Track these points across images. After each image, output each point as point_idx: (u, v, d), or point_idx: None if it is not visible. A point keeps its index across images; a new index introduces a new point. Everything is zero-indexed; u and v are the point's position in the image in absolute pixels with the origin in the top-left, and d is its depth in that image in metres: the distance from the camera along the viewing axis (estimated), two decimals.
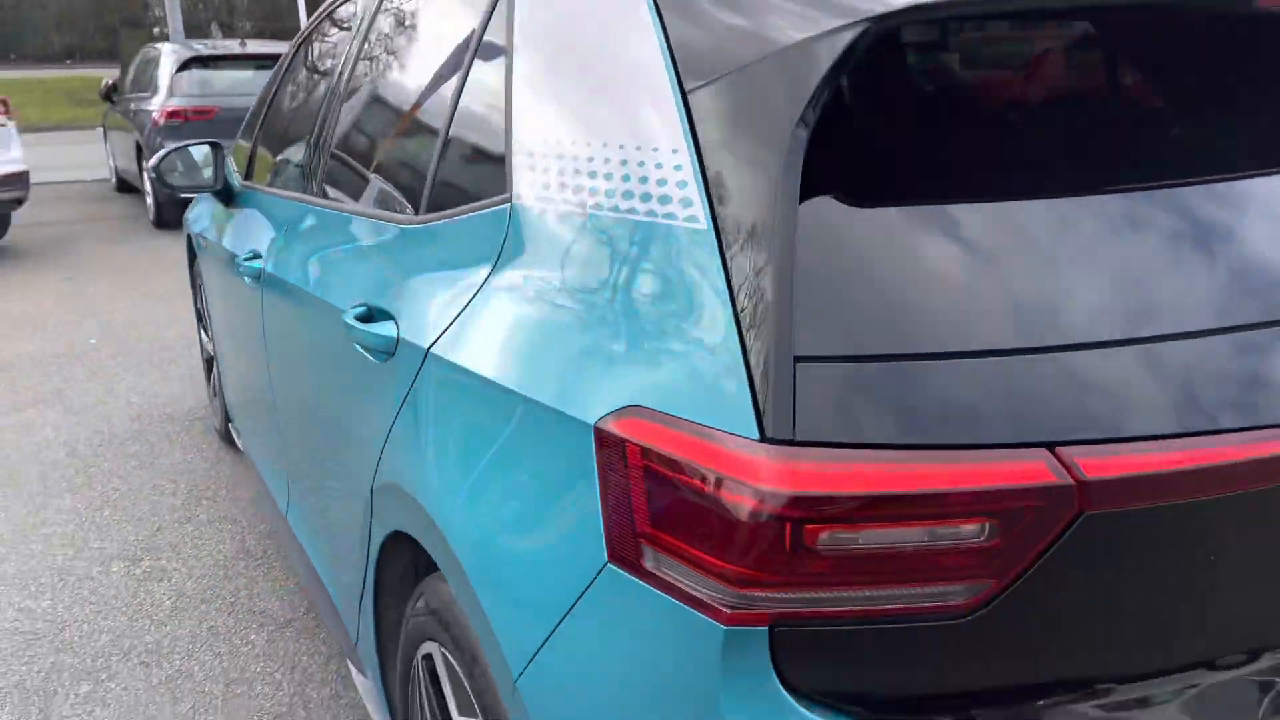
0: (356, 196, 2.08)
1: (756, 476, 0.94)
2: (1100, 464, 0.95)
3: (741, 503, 0.94)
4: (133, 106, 9.79)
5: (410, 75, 1.99)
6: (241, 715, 2.47)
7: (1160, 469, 0.95)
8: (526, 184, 1.40)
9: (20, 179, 7.90)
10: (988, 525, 0.94)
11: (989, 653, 0.98)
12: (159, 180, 3.03)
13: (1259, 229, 1.10)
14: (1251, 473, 0.98)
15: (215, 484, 3.79)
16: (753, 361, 0.98)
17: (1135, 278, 1.02)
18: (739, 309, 1.01)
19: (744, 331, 1.00)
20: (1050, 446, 0.95)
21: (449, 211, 1.61)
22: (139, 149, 9.41)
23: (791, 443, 0.94)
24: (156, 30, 16.03)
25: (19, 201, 8.03)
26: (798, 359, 0.97)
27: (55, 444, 4.22)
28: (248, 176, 3.18)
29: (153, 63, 9.75)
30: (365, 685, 2.10)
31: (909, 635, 0.97)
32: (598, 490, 1.09)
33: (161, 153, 3.05)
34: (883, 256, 1.01)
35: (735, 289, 1.02)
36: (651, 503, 1.03)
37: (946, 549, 0.95)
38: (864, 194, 1.04)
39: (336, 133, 2.30)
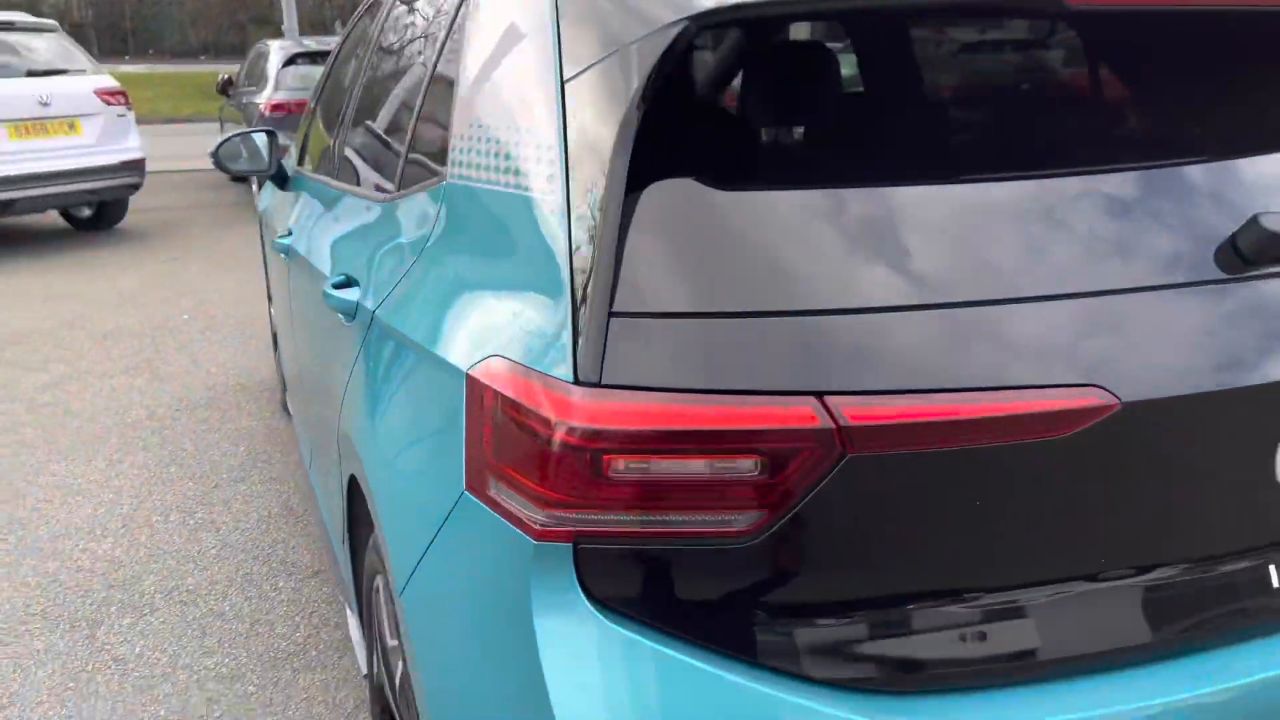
0: (356, 178, 2.29)
1: (565, 413, 1.09)
2: (861, 412, 1.07)
3: (552, 435, 1.10)
4: (244, 100, 10.35)
5: (397, 71, 2.20)
6: (259, 650, 2.71)
7: (914, 419, 1.07)
8: (455, 164, 1.57)
9: (137, 166, 8.45)
10: (761, 461, 1.08)
11: (768, 573, 1.11)
12: (218, 164, 3.31)
13: (1020, 212, 1.20)
14: (995, 428, 1.09)
15: (271, 448, 4.09)
16: (579, 317, 1.13)
17: (901, 253, 1.14)
18: (574, 272, 1.16)
19: (575, 291, 1.15)
20: (819, 395, 1.07)
21: (411, 189, 1.80)
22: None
23: (598, 385, 1.09)
24: (284, 26, 16.84)
25: (135, 187, 8.60)
26: (612, 314, 1.11)
27: (138, 407, 4.59)
28: (299, 162, 3.45)
29: (263, 58, 10.29)
30: (351, 620, 2.31)
31: (695, 556, 1.11)
32: (464, 429, 1.26)
33: (223, 138, 3.33)
34: (690, 231, 1.14)
35: (573, 255, 1.17)
36: (495, 438, 1.19)
37: (726, 481, 1.08)
38: (679, 177, 1.18)
39: (348, 121, 2.52)
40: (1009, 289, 1.14)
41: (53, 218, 9.18)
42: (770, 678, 1.11)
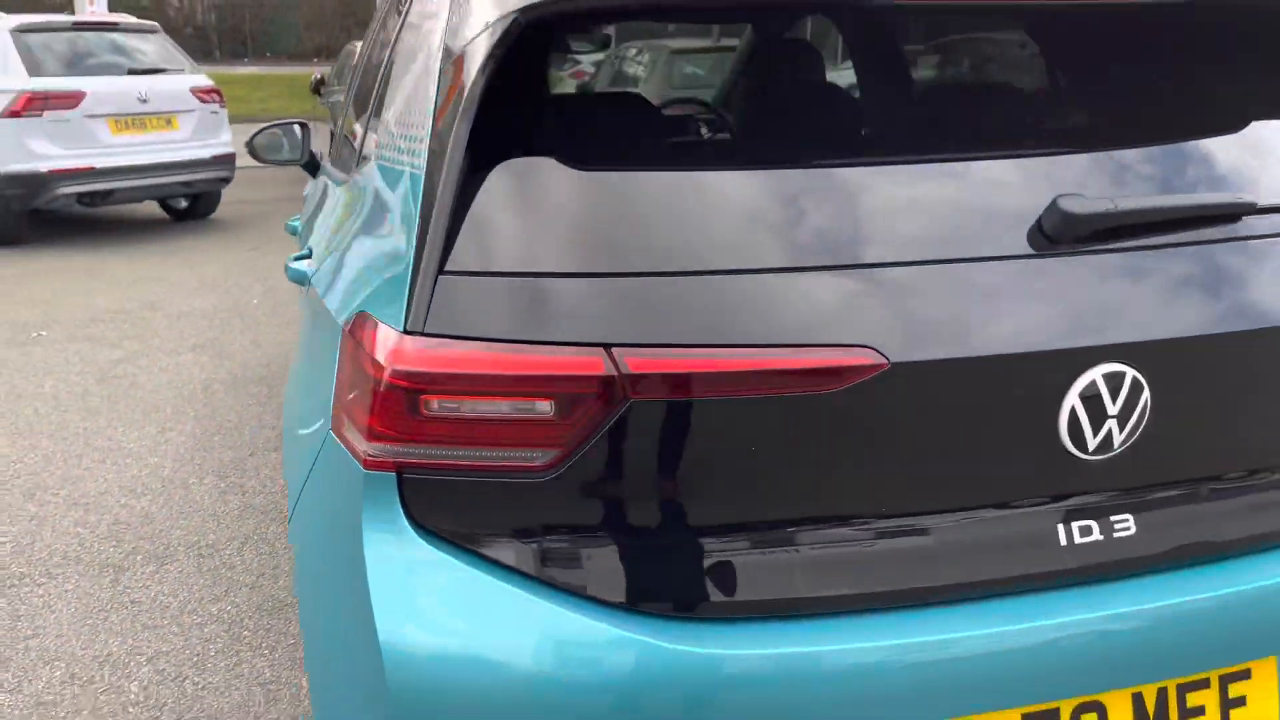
0: (341, 164, 2.50)
1: (391, 358, 1.25)
2: (642, 363, 1.20)
3: (381, 377, 1.26)
4: (332, 99, 10.80)
5: (375, 63, 2.40)
6: (259, 600, 2.94)
7: (690, 370, 1.20)
8: (379, 147, 1.75)
9: (228, 160, 8.93)
10: (556, 404, 1.22)
11: (564, 504, 1.25)
12: (252, 153, 3.56)
13: (809, 192, 1.31)
14: (769, 380, 1.20)
15: None
16: (416, 275, 1.29)
17: (690, 226, 1.26)
18: (419, 237, 1.32)
19: (417, 253, 1.30)
20: (608, 347, 1.21)
21: (354, 172, 1.99)
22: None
23: (421, 334, 1.25)
24: None
25: (226, 180, 9.08)
26: (440, 273, 1.27)
27: (195, 381, 4.91)
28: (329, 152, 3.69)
29: (350, 57, 10.72)
30: None
31: (501, 487, 1.25)
32: (335, 377, 1.43)
33: (260, 129, 3.58)
34: (510, 205, 1.28)
35: (422, 221, 1.33)
36: (350, 383, 1.36)
37: (526, 421, 1.23)
38: (504, 158, 1.32)
39: (349, 111, 2.74)
40: (790, 259, 1.25)
41: (153, 208, 9.74)
42: (562, 597, 1.25)
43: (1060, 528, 1.34)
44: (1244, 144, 1.47)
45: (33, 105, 7.80)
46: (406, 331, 1.26)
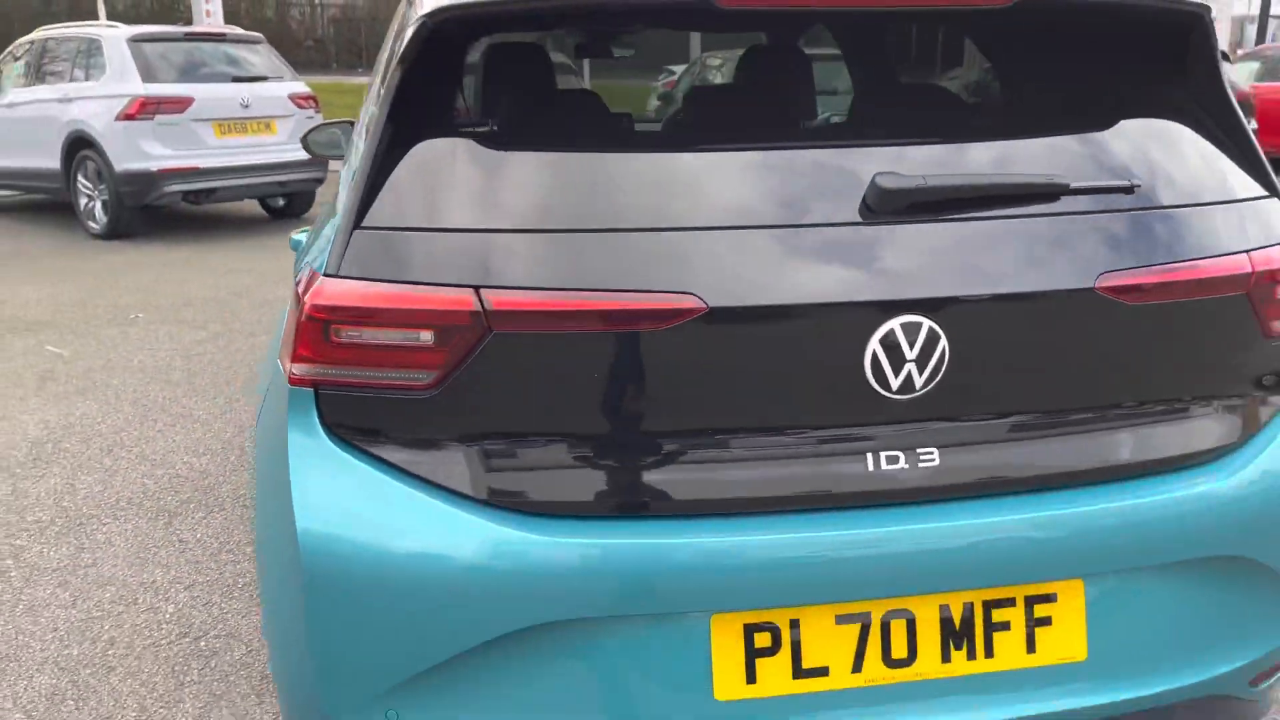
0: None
1: (312, 296, 1.55)
2: (503, 301, 1.48)
3: (304, 310, 1.56)
4: None
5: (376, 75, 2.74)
6: None
7: (542, 308, 1.47)
8: (356, 138, 2.07)
9: (321, 163, 9.49)
10: (435, 333, 1.50)
11: (444, 417, 1.53)
12: (305, 148, 3.95)
13: (660, 168, 1.57)
14: (608, 318, 1.47)
15: None
16: (341, 229, 1.59)
17: (554, 194, 1.53)
18: (347, 203, 1.62)
19: (343, 216, 1.61)
20: (476, 288, 1.49)
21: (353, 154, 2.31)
22: None
23: (336, 276, 1.55)
24: None
25: (319, 181, 9.67)
26: (356, 228, 1.57)
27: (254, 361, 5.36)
28: None
29: None
30: None
31: (395, 401, 1.54)
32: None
33: (317, 125, 3.97)
34: (413, 174, 1.57)
35: (350, 193, 1.63)
36: (290, 320, 1.67)
37: (413, 347, 1.51)
38: (415, 136, 1.61)
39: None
40: (634, 222, 1.51)
41: (253, 207, 10.40)
42: (440, 493, 1.53)
43: (869, 455, 1.57)
44: (1048, 134, 1.69)
45: (145, 109, 8.47)
46: (327, 275, 1.56)
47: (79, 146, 8.85)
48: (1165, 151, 1.75)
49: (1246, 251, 1.70)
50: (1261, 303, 1.71)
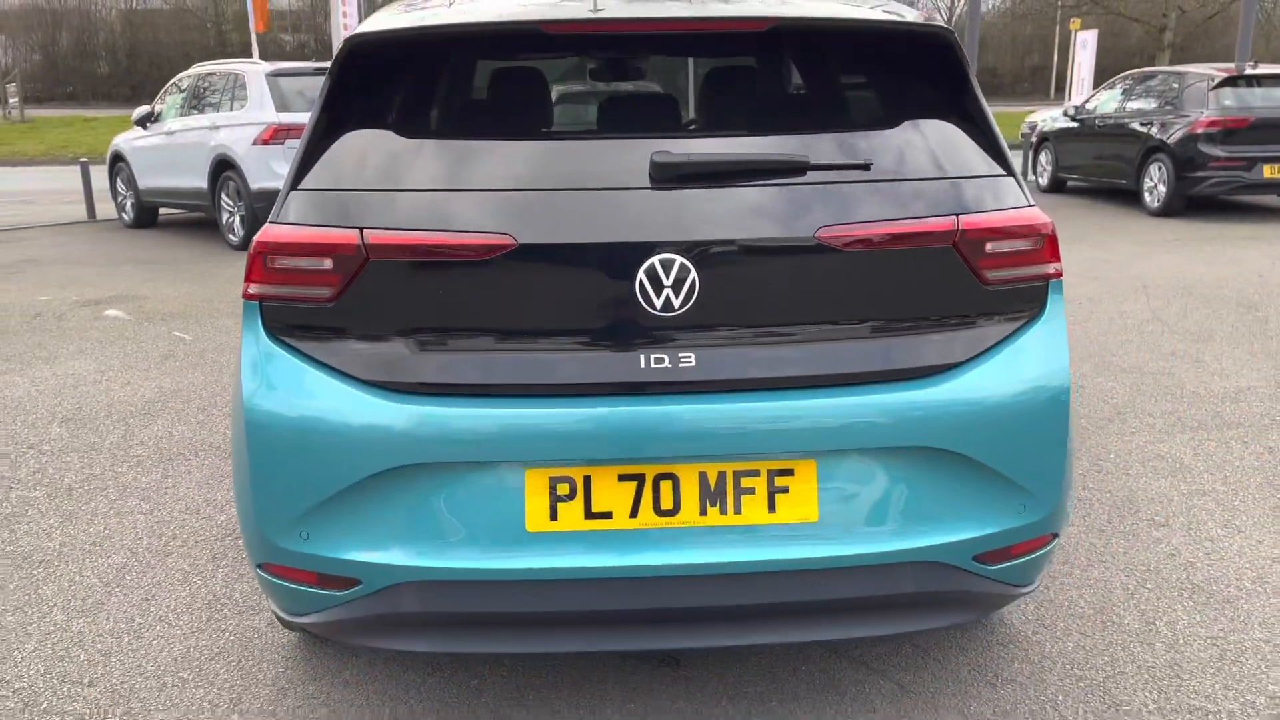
0: None
1: (259, 236, 2.23)
2: (377, 238, 2.13)
3: (253, 247, 2.24)
4: None
5: None
6: None
7: (400, 242, 2.11)
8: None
9: None
10: (332, 260, 2.16)
11: (344, 321, 2.17)
12: None
13: (507, 151, 2.19)
14: (446, 251, 2.09)
15: None
16: (282, 191, 2.28)
17: (425, 168, 2.17)
18: (290, 172, 2.30)
19: (286, 181, 2.29)
20: (360, 229, 2.15)
21: None
22: None
23: (277, 223, 2.23)
24: None
25: None
26: (293, 189, 2.25)
27: None
28: None
29: None
30: None
31: (307, 310, 2.19)
32: None
33: None
34: (336, 152, 2.24)
35: (293, 164, 2.31)
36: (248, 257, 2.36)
37: (319, 270, 2.17)
38: (341, 125, 2.27)
39: None
40: (476, 184, 2.14)
41: None
42: (336, 374, 2.18)
43: (642, 356, 2.14)
44: (814, 127, 2.24)
45: (277, 135, 9.57)
46: (271, 223, 2.25)
47: (223, 168, 10.03)
48: (911, 139, 2.27)
49: (956, 214, 2.20)
50: (972, 255, 2.21)
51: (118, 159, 11.85)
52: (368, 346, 2.18)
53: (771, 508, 2.18)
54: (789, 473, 2.18)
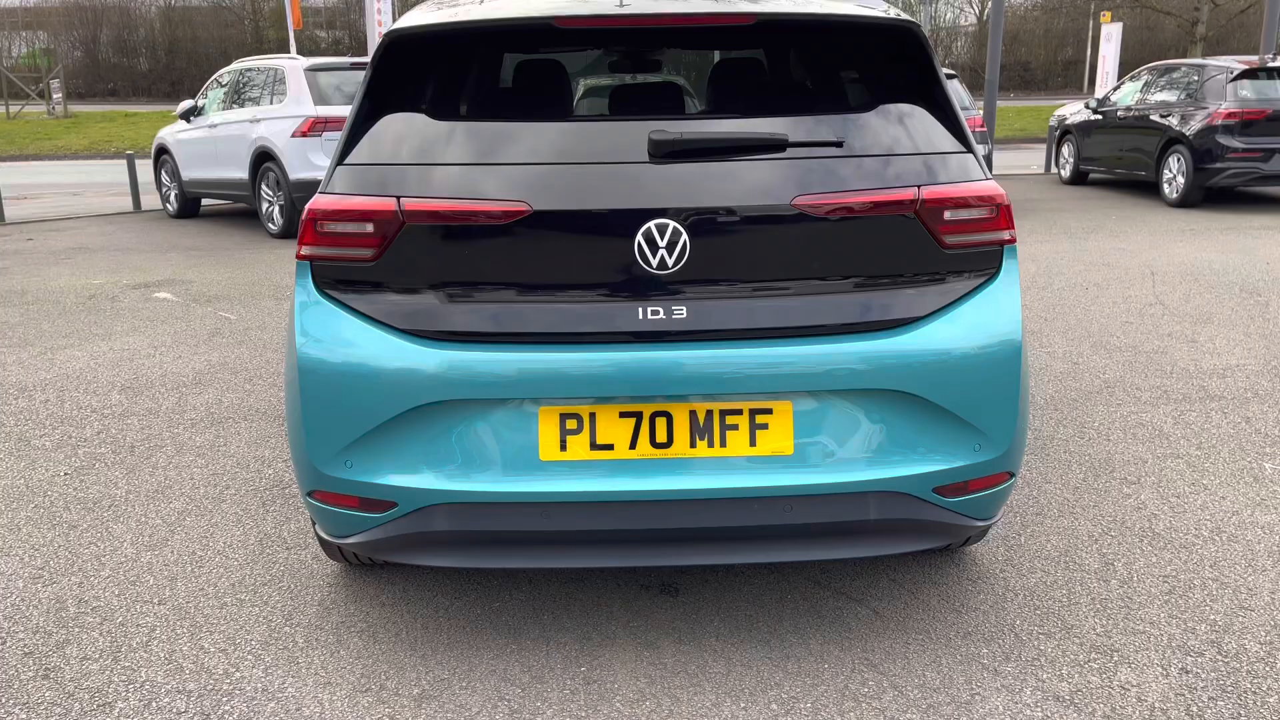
0: None
1: (310, 205, 2.58)
2: (411, 205, 2.47)
3: (305, 214, 2.59)
4: None
5: None
6: None
7: (432, 209, 2.45)
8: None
9: None
10: (373, 225, 2.50)
11: (385, 278, 2.52)
12: None
13: (519, 132, 2.52)
14: (471, 216, 2.43)
15: None
16: (330, 166, 2.63)
17: (458, 146, 2.51)
18: (338, 148, 2.65)
19: (334, 156, 2.64)
20: (398, 198, 2.49)
21: None
22: None
23: (326, 193, 2.58)
24: None
25: None
26: (339, 164, 2.60)
27: None
28: None
29: None
30: None
31: (353, 268, 2.54)
32: None
33: None
34: (372, 134, 2.59)
35: (340, 141, 2.66)
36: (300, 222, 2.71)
37: (362, 234, 2.52)
38: (380, 110, 2.62)
39: None
40: (497, 158, 2.48)
41: None
42: (378, 325, 2.53)
43: (640, 309, 2.47)
44: (795, 110, 2.55)
45: (315, 127, 9.98)
46: (320, 193, 2.60)
47: (263, 160, 10.46)
48: (881, 120, 2.59)
49: (918, 185, 2.51)
50: (932, 222, 2.52)
51: (162, 152, 12.33)
52: (403, 299, 2.52)
53: (753, 442, 2.50)
54: (768, 411, 2.50)
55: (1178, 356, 5.57)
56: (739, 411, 2.50)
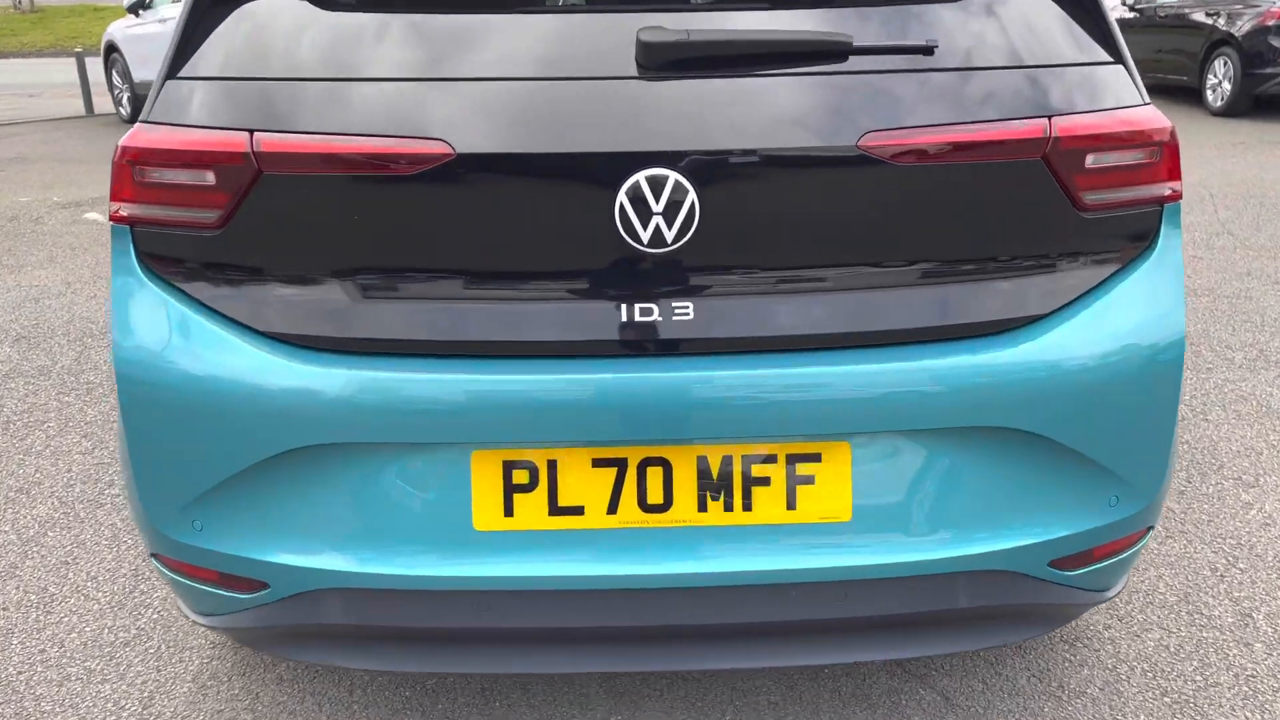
0: None
1: (124, 141, 1.69)
2: (270, 143, 1.60)
3: (119, 154, 1.71)
4: None
5: None
6: None
7: (303, 150, 1.58)
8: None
9: None
10: (215, 173, 1.63)
11: (240, 252, 1.66)
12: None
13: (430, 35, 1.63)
14: (361, 163, 1.56)
15: None
16: (155, 83, 1.74)
17: (329, 46, 1.62)
18: (165, 57, 1.75)
19: (160, 69, 1.75)
20: (251, 131, 1.61)
21: None
22: None
23: (150, 122, 1.70)
24: None
25: None
26: (167, 78, 1.71)
27: None
28: None
29: None
30: None
31: (191, 238, 1.68)
32: None
33: None
34: (212, 35, 1.68)
35: (170, 47, 1.76)
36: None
37: (201, 186, 1.65)
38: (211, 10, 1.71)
39: None
40: (394, 72, 1.60)
41: None
42: (231, 325, 1.67)
43: (623, 306, 1.62)
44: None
45: None
46: (142, 122, 1.71)
47: None
48: (987, 15, 1.70)
49: (1048, 116, 1.64)
50: (1067, 171, 1.65)
51: (112, 50, 11.26)
52: (265, 289, 1.67)
53: (792, 503, 1.68)
54: (815, 458, 1.67)
55: (1266, 302, 4.72)
56: (771, 458, 1.67)
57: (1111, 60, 1.73)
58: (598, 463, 1.66)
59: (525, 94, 1.59)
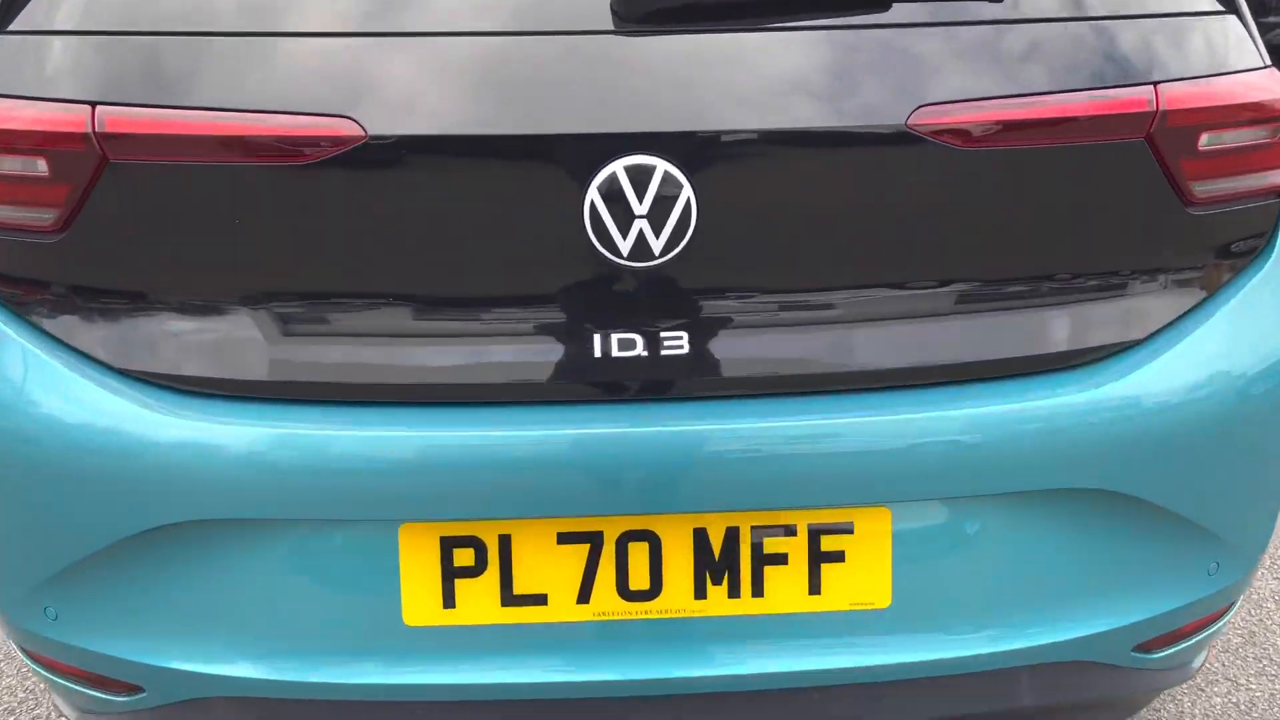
0: None
1: None
2: (120, 121, 1.18)
3: None
4: None
5: None
6: None
7: (164, 132, 1.17)
8: None
9: None
10: (49, 161, 1.21)
11: (86, 266, 1.25)
12: None
13: None
14: (245, 147, 1.15)
15: None
16: None
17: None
18: None
19: None
20: (94, 105, 1.19)
21: None
22: None
23: None
24: None
25: None
26: None
27: None
28: None
29: None
30: None
31: (22, 247, 1.27)
32: None
33: None
34: None
35: None
36: None
37: (32, 178, 1.23)
38: None
39: None
40: (283, 27, 1.18)
41: None
42: (79, 360, 1.27)
43: (596, 338, 1.23)
44: None
45: None
46: None
47: None
48: None
49: (1153, 84, 1.25)
50: (1175, 155, 1.26)
51: None
52: (125, 315, 1.27)
53: (815, 586, 1.31)
54: (845, 529, 1.30)
55: None
56: (789, 530, 1.29)
57: (1222, 9, 1.34)
58: (565, 538, 1.28)
59: (462, 55, 1.19)
